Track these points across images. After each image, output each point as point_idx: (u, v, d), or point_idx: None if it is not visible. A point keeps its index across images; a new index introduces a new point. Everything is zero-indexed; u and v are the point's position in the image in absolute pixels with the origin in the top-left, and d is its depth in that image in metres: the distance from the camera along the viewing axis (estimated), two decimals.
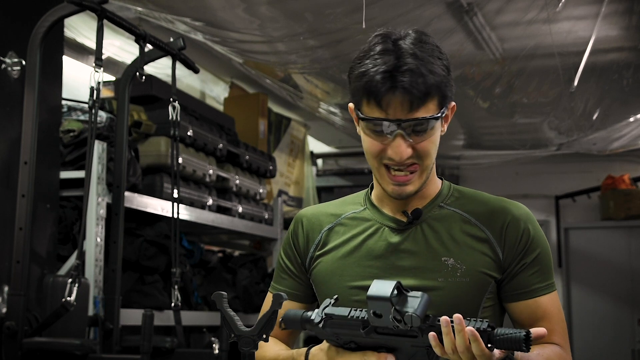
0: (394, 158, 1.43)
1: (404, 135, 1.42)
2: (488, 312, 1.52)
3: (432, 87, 1.41)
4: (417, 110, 1.41)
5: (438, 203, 1.55)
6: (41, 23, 2.85)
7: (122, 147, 3.23)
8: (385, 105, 1.41)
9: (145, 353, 2.74)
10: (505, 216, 1.51)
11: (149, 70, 4.28)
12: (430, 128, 1.44)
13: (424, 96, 1.41)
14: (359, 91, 1.44)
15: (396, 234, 1.53)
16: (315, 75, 4.48)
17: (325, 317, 1.39)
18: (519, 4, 3.55)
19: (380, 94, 1.40)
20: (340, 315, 1.38)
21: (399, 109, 1.41)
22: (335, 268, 1.56)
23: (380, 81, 1.40)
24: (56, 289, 2.94)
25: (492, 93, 4.59)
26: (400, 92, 1.40)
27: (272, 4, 3.45)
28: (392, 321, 1.28)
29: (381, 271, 1.51)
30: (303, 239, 1.63)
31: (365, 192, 1.64)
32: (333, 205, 1.66)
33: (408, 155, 1.43)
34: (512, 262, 1.50)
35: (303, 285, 1.63)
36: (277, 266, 1.68)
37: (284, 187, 6.26)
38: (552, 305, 1.52)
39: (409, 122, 1.41)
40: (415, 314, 1.26)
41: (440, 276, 1.47)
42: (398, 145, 1.42)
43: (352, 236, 1.57)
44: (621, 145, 5.79)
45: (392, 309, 1.27)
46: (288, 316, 1.45)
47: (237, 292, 4.42)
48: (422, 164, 1.46)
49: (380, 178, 1.49)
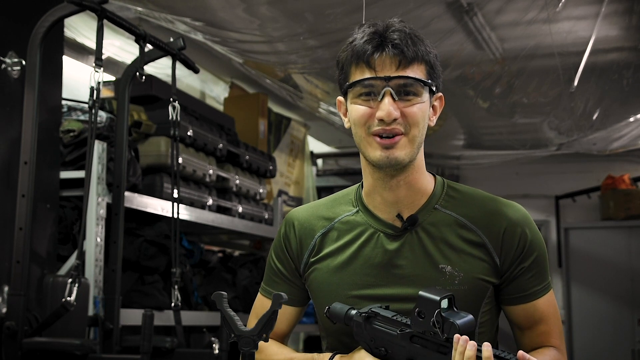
0: (382, 117, 1.41)
1: (392, 94, 1.42)
2: (486, 316, 1.52)
3: (421, 51, 1.43)
4: (406, 70, 1.42)
5: (433, 205, 1.52)
6: (41, 23, 2.85)
7: (122, 147, 3.23)
8: (374, 64, 1.42)
9: (145, 353, 2.74)
10: (502, 221, 1.50)
11: (149, 70, 4.28)
12: (418, 94, 1.43)
13: (413, 55, 1.42)
14: (348, 59, 1.46)
15: (392, 240, 1.51)
16: (315, 75, 4.48)
17: (371, 313, 1.41)
18: (519, 4, 3.55)
19: (368, 52, 1.42)
20: (384, 315, 1.40)
21: (388, 67, 1.42)
22: (332, 277, 1.54)
23: (368, 41, 1.43)
24: (56, 289, 2.93)
25: (492, 93, 4.59)
26: (389, 49, 1.41)
27: (272, 4, 3.45)
28: (432, 326, 1.28)
29: (379, 280, 1.50)
30: (296, 244, 1.60)
31: (355, 189, 1.61)
32: (324, 206, 1.63)
33: (396, 115, 1.42)
34: (510, 266, 1.49)
35: (297, 289, 1.61)
36: (269, 268, 1.65)
37: (284, 187, 6.26)
38: (549, 306, 1.53)
39: (397, 80, 1.41)
40: (457, 323, 1.27)
41: (438, 284, 1.46)
42: (386, 104, 1.41)
43: (347, 242, 1.55)
44: (621, 145, 5.79)
45: (437, 312, 1.28)
46: (335, 310, 1.47)
47: (237, 292, 4.42)
48: (409, 133, 1.44)
49: (369, 148, 1.46)
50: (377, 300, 1.48)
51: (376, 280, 1.50)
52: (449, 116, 5.17)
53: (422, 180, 1.53)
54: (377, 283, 1.49)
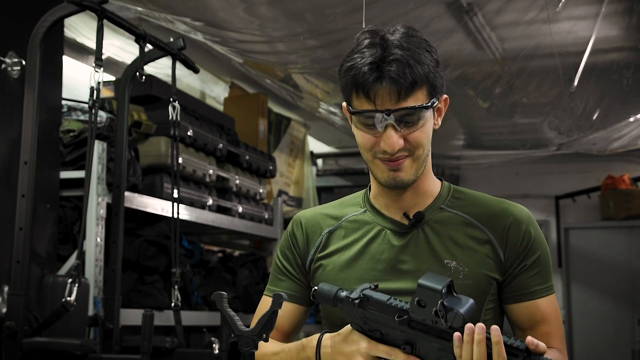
0: (386, 150, 1.42)
1: (394, 126, 1.41)
2: (490, 314, 1.52)
3: (419, 77, 1.41)
4: (406, 100, 1.41)
5: (439, 205, 1.54)
6: (41, 23, 2.85)
7: (122, 147, 3.23)
8: (373, 97, 1.41)
9: (145, 353, 2.74)
10: (507, 218, 1.51)
11: (149, 70, 4.28)
12: (421, 118, 1.43)
13: (411, 85, 1.40)
14: (348, 85, 1.45)
15: (398, 237, 1.53)
16: (315, 75, 4.48)
17: (363, 297, 1.36)
18: (519, 4, 3.55)
19: (367, 85, 1.40)
20: (378, 299, 1.35)
21: (387, 100, 1.40)
22: (339, 273, 1.54)
23: (367, 72, 1.40)
24: (56, 289, 2.93)
25: (492, 93, 4.59)
26: (387, 82, 1.39)
27: (272, 4, 3.45)
28: (433, 315, 1.26)
29: (385, 274, 1.51)
30: (303, 240, 1.61)
31: (363, 192, 1.63)
32: (332, 207, 1.65)
33: (400, 146, 1.42)
34: (513, 263, 1.50)
35: (302, 287, 1.61)
36: (274, 268, 1.64)
37: (284, 187, 6.26)
38: (551, 308, 1.53)
39: (398, 112, 1.40)
40: (460, 312, 1.24)
41: None
42: (389, 137, 1.41)
43: (354, 240, 1.56)
44: (621, 145, 5.80)
45: (440, 302, 1.25)
46: (322, 290, 1.42)
47: (237, 292, 4.42)
48: (414, 154, 1.45)
49: (375, 169, 1.48)
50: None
51: (382, 275, 1.51)
52: (449, 116, 5.17)
53: (429, 183, 1.55)
54: (383, 278, 1.50)
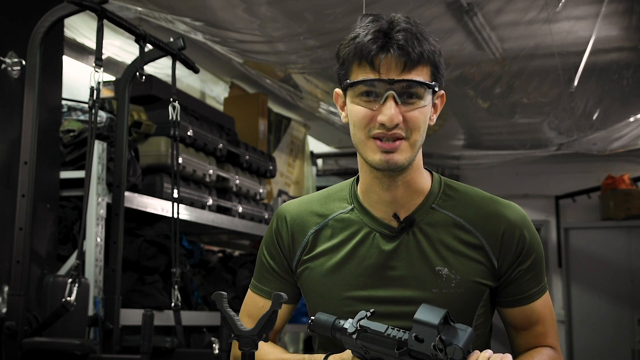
0: (384, 122, 1.37)
1: (395, 98, 1.37)
2: (481, 318, 1.50)
3: (427, 52, 1.38)
4: (410, 73, 1.37)
5: (430, 204, 1.49)
6: (41, 23, 2.85)
7: (122, 147, 3.23)
8: (378, 65, 1.36)
9: (145, 353, 2.74)
10: (500, 223, 1.47)
11: (149, 70, 4.28)
12: (421, 97, 1.39)
13: (418, 57, 1.36)
14: (350, 56, 1.39)
15: (388, 241, 1.47)
16: (315, 75, 4.48)
17: (360, 329, 1.35)
18: (519, 4, 3.55)
19: (373, 52, 1.36)
20: (376, 331, 1.34)
21: (392, 69, 1.36)
22: (326, 278, 1.50)
23: (373, 40, 1.36)
24: (56, 289, 2.93)
25: (492, 93, 4.59)
26: (394, 50, 1.35)
27: (272, 4, 3.45)
28: (432, 349, 1.26)
29: (374, 281, 1.47)
30: (288, 239, 1.56)
31: (349, 185, 1.57)
32: (317, 201, 1.58)
33: (399, 121, 1.37)
34: (509, 269, 1.47)
35: (289, 286, 1.58)
36: (260, 264, 1.60)
37: (284, 187, 6.26)
38: (545, 308, 1.52)
39: (401, 83, 1.36)
40: (459, 346, 1.25)
41: (434, 287, 1.44)
42: (389, 108, 1.36)
43: (341, 241, 1.51)
44: (621, 145, 5.79)
45: (437, 337, 1.25)
46: (319, 321, 1.41)
47: (237, 292, 4.42)
48: (410, 137, 1.40)
49: (368, 151, 1.42)
50: (372, 302, 1.45)
51: (371, 281, 1.46)
52: (449, 116, 5.17)
53: (420, 179, 1.49)
54: (372, 284, 1.46)
